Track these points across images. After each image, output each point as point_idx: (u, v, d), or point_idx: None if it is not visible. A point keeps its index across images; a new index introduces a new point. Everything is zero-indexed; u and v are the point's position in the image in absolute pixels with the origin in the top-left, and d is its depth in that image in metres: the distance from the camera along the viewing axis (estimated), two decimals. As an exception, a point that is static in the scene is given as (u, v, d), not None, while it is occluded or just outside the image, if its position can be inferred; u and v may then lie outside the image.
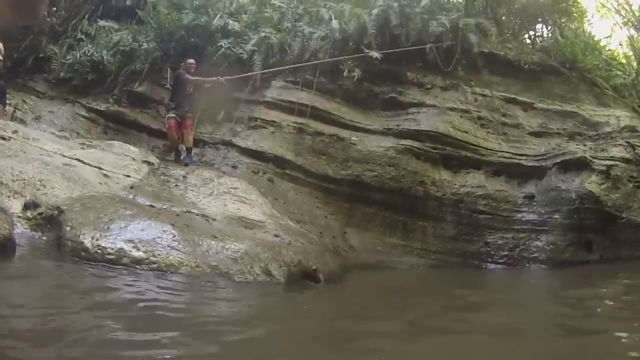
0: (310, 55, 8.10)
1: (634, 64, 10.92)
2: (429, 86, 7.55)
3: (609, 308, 3.74)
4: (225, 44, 8.51)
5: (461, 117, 7.24)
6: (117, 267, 3.62)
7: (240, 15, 9.06)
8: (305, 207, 7.18)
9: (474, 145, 7.09)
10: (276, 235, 5.16)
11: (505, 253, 6.74)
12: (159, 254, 3.84)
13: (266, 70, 7.92)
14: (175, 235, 4.15)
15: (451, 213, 6.89)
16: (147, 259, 3.78)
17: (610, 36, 11.57)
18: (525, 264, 6.67)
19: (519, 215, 6.82)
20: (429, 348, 2.54)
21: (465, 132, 7.13)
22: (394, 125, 7.30)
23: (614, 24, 11.75)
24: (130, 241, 3.91)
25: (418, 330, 2.98)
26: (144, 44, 8.79)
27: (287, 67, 7.92)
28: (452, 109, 7.27)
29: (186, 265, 3.82)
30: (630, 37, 11.23)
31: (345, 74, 7.72)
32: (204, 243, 4.23)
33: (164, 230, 4.17)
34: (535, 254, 6.67)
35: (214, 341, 2.22)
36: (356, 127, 7.43)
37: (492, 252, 6.78)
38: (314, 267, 4.60)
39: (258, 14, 9.11)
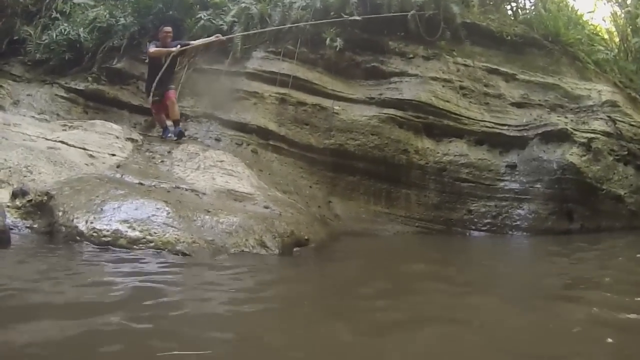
0: (292, 25, 8.05)
1: (616, 39, 11.15)
2: (411, 55, 7.59)
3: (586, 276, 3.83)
4: (204, 16, 8.41)
5: (443, 86, 7.31)
6: (114, 249, 3.62)
7: (219, -14, 8.92)
8: (290, 177, 7.21)
9: (456, 114, 7.17)
10: (266, 207, 5.21)
11: (488, 221, 6.89)
12: (155, 233, 3.82)
13: (266, 29, 7.94)
14: (169, 212, 4.13)
15: (434, 181, 6.99)
16: (144, 238, 3.76)
17: (593, 11, 11.63)
18: (507, 231, 6.83)
19: (502, 184, 6.96)
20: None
21: (448, 101, 7.20)
22: (376, 94, 7.33)
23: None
24: (125, 221, 3.89)
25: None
26: (121, 19, 8.62)
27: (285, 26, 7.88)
28: (435, 79, 7.33)
29: (183, 242, 3.81)
30: (614, 14, 11.45)
31: (327, 43, 7.70)
32: (198, 218, 4.24)
33: (157, 208, 4.15)
34: (518, 222, 6.82)
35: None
36: (338, 97, 7.44)
37: (475, 220, 6.92)
38: (306, 237, 4.69)
39: (237, -16, 8.98)
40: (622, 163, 7.36)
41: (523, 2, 9.85)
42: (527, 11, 9.34)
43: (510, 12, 9.40)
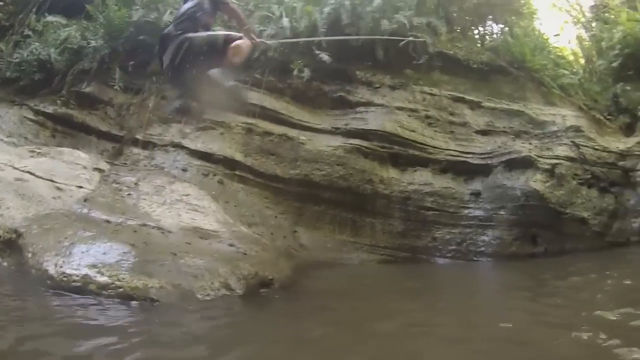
0: (260, 54, 8.10)
1: (582, 61, 11.41)
2: (377, 85, 7.68)
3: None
4: (173, 43, 8.43)
5: (409, 116, 7.40)
6: (84, 295, 3.62)
7: (190, 10, 8.96)
8: (256, 207, 7.22)
9: (421, 143, 7.26)
10: (231, 245, 5.25)
11: (453, 247, 6.96)
12: (123, 278, 3.80)
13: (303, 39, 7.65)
14: (136, 256, 4.16)
15: (399, 210, 7.05)
16: (113, 283, 3.73)
17: (559, 34, 11.89)
18: (472, 257, 6.92)
19: (466, 211, 7.04)
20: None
21: (413, 131, 7.28)
22: (342, 124, 7.40)
23: (565, 22, 12.25)
24: (94, 266, 3.88)
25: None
26: (92, 41, 8.57)
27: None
28: (400, 108, 7.42)
29: (151, 287, 3.79)
30: (579, 36, 11.72)
31: (295, 73, 7.77)
32: (165, 262, 4.25)
33: (124, 252, 4.17)
34: (482, 248, 6.92)
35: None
36: (305, 127, 7.50)
37: (440, 247, 7.00)
38: (270, 277, 4.73)
39: (209, 10, 9.05)
40: (585, 186, 7.49)
41: (490, 28, 10.00)
42: (494, 38, 9.49)
43: (477, 38, 9.54)
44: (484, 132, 7.51)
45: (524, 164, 7.06)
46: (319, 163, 7.17)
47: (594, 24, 12.16)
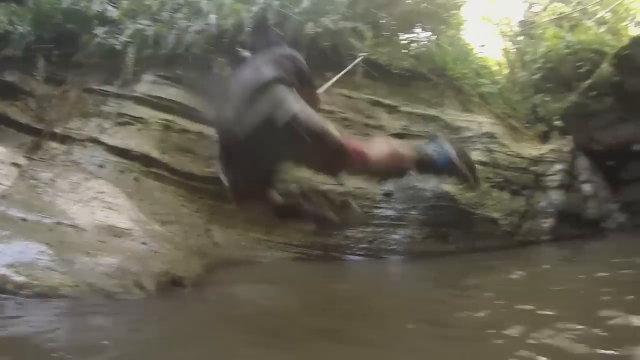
0: (184, 50, 8.03)
1: (505, 71, 11.93)
2: (297, 85, 7.69)
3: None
4: (100, 34, 8.21)
5: (327, 117, 7.41)
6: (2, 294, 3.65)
7: (120, 0, 8.72)
8: (171, 206, 7.14)
9: None
10: (143, 243, 5.33)
11: (364, 245, 7.08)
12: (39, 277, 3.87)
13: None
14: (52, 255, 4.23)
15: (312, 209, 7.04)
16: (29, 282, 3.79)
17: (484, 45, 12.40)
18: (383, 255, 7.08)
19: (378, 211, 7.20)
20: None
21: (328, 129, 7.32)
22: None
23: (492, 34, 12.79)
24: (12, 266, 3.93)
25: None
26: (19, 27, 8.19)
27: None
28: (318, 110, 7.44)
29: (66, 286, 3.89)
30: (505, 49, 12.26)
31: (216, 70, 7.70)
32: (79, 260, 4.34)
33: (40, 251, 4.23)
34: (394, 246, 7.09)
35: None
36: (222, 125, 7.42)
37: (352, 245, 7.11)
38: (179, 275, 4.80)
39: (138, 1, 8.85)
40: (497, 189, 7.77)
41: (417, 36, 10.25)
42: (419, 45, 9.74)
43: (403, 45, 9.76)
44: (399, 136, 7.69)
45: (436, 166, 7.21)
46: (233, 161, 7.08)
47: (520, 38, 12.76)
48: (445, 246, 7.21)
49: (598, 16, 13.60)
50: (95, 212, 5.90)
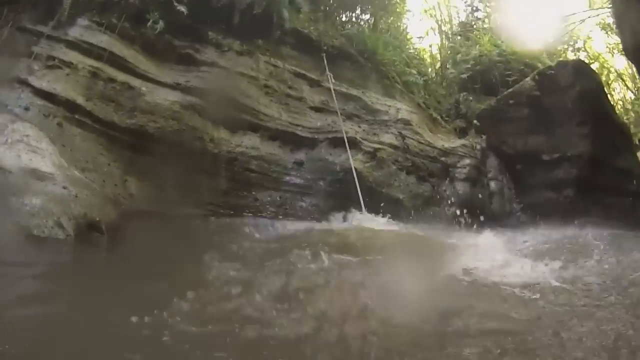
0: (121, -1, 8.05)
1: (437, 65, 12.58)
2: (225, 48, 7.99)
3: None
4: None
5: (249, 82, 7.79)
6: None
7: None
8: (91, 154, 7.21)
9: (255, 110, 7.68)
10: (65, 187, 5.45)
11: (273, 209, 7.51)
12: None
13: None
14: None
15: (225, 169, 7.43)
16: None
17: (422, 37, 12.99)
18: (290, 219, 7.48)
19: (288, 177, 7.64)
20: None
21: (249, 97, 7.67)
22: (183, 80, 7.63)
23: (432, 28, 13.41)
24: None
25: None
26: None
27: None
28: (242, 74, 7.80)
29: None
30: (441, 45, 12.90)
31: (149, 24, 7.81)
32: (7, 201, 4.57)
33: None
34: (300, 212, 7.53)
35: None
36: (148, 78, 7.62)
37: (261, 207, 7.48)
38: (97, 219, 5.12)
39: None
40: (404, 172, 8.32)
41: (356, 16, 10.63)
42: (354, 26, 10.13)
43: (339, 24, 10.13)
44: (317, 109, 8.12)
45: (348, 144, 7.67)
46: (155, 115, 7.32)
47: (457, 38, 13.41)
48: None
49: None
50: (20, 155, 5.93)
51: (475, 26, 14.10)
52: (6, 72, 7.56)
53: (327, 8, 9.95)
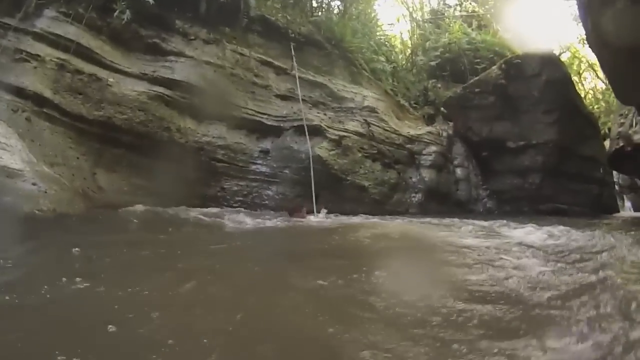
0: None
1: (408, 52, 12.80)
2: (192, 37, 8.12)
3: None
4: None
5: (215, 71, 7.92)
6: None
7: None
8: (59, 147, 7.32)
9: (221, 99, 7.77)
10: (34, 184, 5.59)
11: (240, 198, 7.76)
12: None
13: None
14: None
15: (192, 159, 7.61)
16: None
17: (393, 24, 13.18)
18: (257, 209, 7.73)
19: (254, 166, 7.87)
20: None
21: (215, 86, 7.76)
22: (150, 70, 7.76)
23: (403, 15, 13.58)
24: None
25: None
26: None
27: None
28: (208, 63, 7.93)
29: None
30: (412, 30, 13.10)
31: (115, 14, 7.86)
32: None
33: None
34: (266, 201, 7.80)
35: None
36: (115, 69, 7.74)
37: (228, 197, 7.75)
38: (67, 214, 5.37)
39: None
40: (370, 160, 8.57)
41: (327, 2, 10.74)
42: (322, 13, 10.26)
43: (307, 10, 10.23)
44: (283, 97, 8.30)
45: (314, 131, 7.92)
46: (122, 107, 7.46)
47: (428, 25, 13.62)
48: (316, 206, 7.82)
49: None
50: None
51: (446, 14, 14.30)
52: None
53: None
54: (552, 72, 10.74)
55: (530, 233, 5.48)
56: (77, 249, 3.42)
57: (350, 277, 2.96)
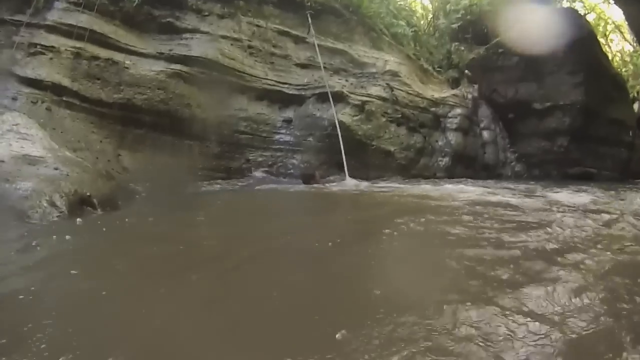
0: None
1: (429, 15, 12.52)
2: (206, 13, 8.06)
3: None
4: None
5: (232, 45, 7.88)
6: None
7: None
8: (82, 133, 7.42)
9: (240, 71, 7.84)
10: (56, 168, 5.65)
11: (265, 169, 7.62)
12: None
13: None
14: None
15: (214, 133, 7.56)
16: None
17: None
18: (282, 178, 7.74)
19: (277, 136, 7.84)
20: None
21: (233, 59, 7.81)
22: (166, 49, 7.75)
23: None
24: None
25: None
26: None
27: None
28: (225, 37, 7.88)
29: None
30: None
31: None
32: (1, 187, 4.81)
33: None
34: (291, 170, 7.74)
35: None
36: (131, 51, 7.76)
37: (253, 168, 7.68)
38: (87, 194, 5.26)
39: None
40: (394, 124, 8.41)
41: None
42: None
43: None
44: (303, 66, 8.20)
45: (336, 98, 7.79)
46: (141, 87, 7.49)
47: (446, -13, 13.28)
48: (340, 174, 7.72)
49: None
50: (11, 143, 6.22)
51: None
52: (-11, 66, 7.70)
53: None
54: (577, 31, 10.29)
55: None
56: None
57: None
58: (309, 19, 8.47)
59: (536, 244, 2.96)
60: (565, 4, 16.06)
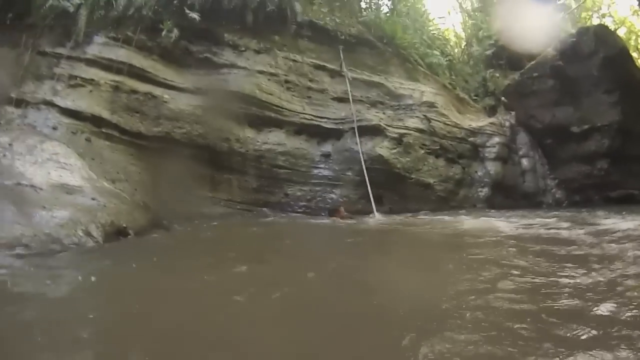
0: (135, 11, 8.24)
1: (463, 44, 12.40)
2: (243, 48, 8.14)
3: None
4: (53, -4, 8.37)
5: (269, 79, 7.94)
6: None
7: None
8: (121, 164, 7.54)
9: (277, 106, 7.91)
10: (93, 199, 5.77)
11: (304, 203, 7.68)
12: (5, 229, 4.43)
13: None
14: (14, 211, 4.79)
15: (253, 167, 7.70)
16: None
17: (444, 17, 12.86)
18: (321, 213, 7.67)
19: (316, 170, 7.83)
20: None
21: (271, 94, 7.87)
22: (204, 84, 7.84)
23: (452, 6, 13.24)
24: None
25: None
26: None
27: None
28: (261, 72, 7.95)
29: (27, 236, 4.45)
30: (464, 22, 12.72)
31: (164, 33, 7.97)
32: (37, 214, 4.92)
33: (3, 208, 4.79)
34: (329, 205, 7.56)
35: None
36: (169, 85, 7.89)
37: (292, 202, 7.75)
38: (124, 225, 5.41)
39: (90, -37, 9.00)
40: (433, 156, 8.33)
41: (375, 1, 10.55)
42: (369, 12, 10.07)
43: (357, 11, 10.06)
44: (340, 99, 8.21)
45: (373, 131, 7.80)
46: (180, 121, 7.58)
47: (477, 14, 13.18)
48: (381, 207, 7.66)
49: (560, 2, 14.07)
50: (50, 172, 6.33)
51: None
52: (32, 95, 7.89)
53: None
54: (609, 48, 10.02)
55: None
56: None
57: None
58: (341, 54, 8.48)
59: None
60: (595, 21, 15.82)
